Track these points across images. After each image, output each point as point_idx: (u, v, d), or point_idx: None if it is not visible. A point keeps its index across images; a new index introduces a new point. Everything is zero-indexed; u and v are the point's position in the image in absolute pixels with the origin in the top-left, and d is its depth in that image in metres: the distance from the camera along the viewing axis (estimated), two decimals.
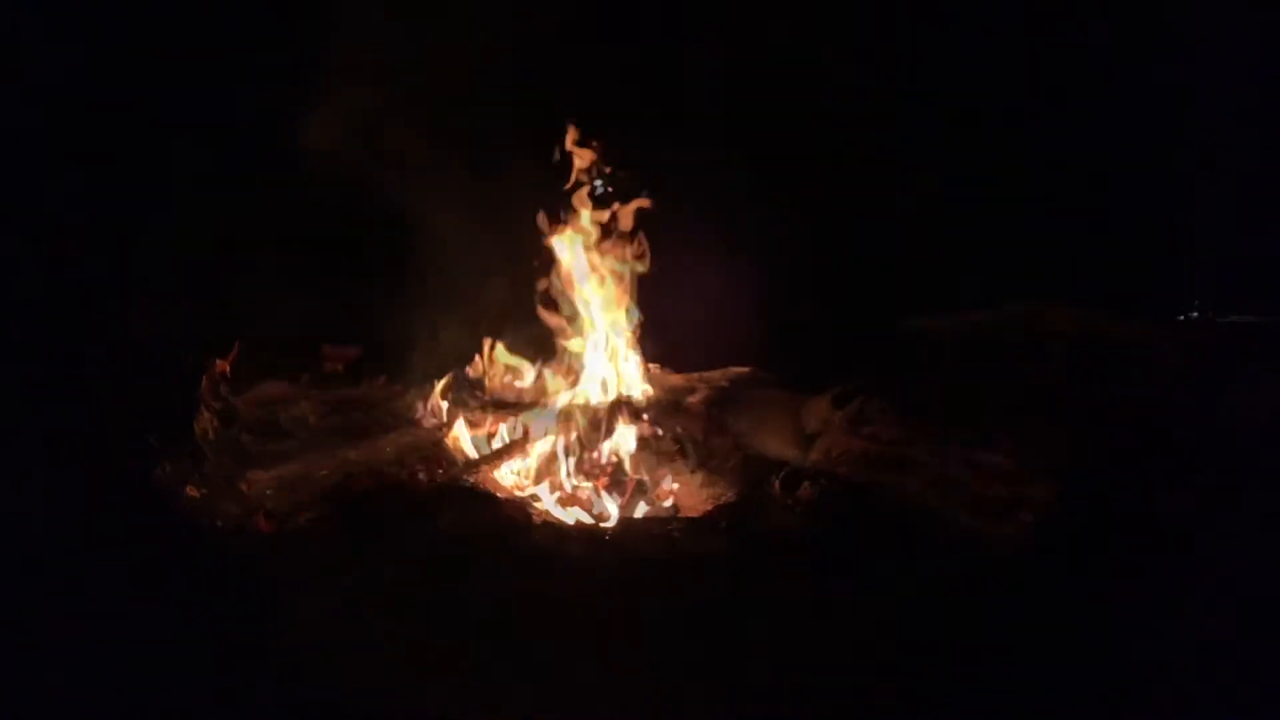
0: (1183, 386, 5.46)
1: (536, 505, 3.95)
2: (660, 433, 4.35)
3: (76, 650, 2.68)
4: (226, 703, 2.46)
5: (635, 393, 4.68)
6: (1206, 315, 6.69)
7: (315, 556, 3.29)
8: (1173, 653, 2.68)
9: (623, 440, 4.31)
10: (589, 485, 4.11)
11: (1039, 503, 3.46)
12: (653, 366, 4.97)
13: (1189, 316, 6.70)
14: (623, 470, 4.19)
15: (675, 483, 4.09)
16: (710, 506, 3.84)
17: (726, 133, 6.48)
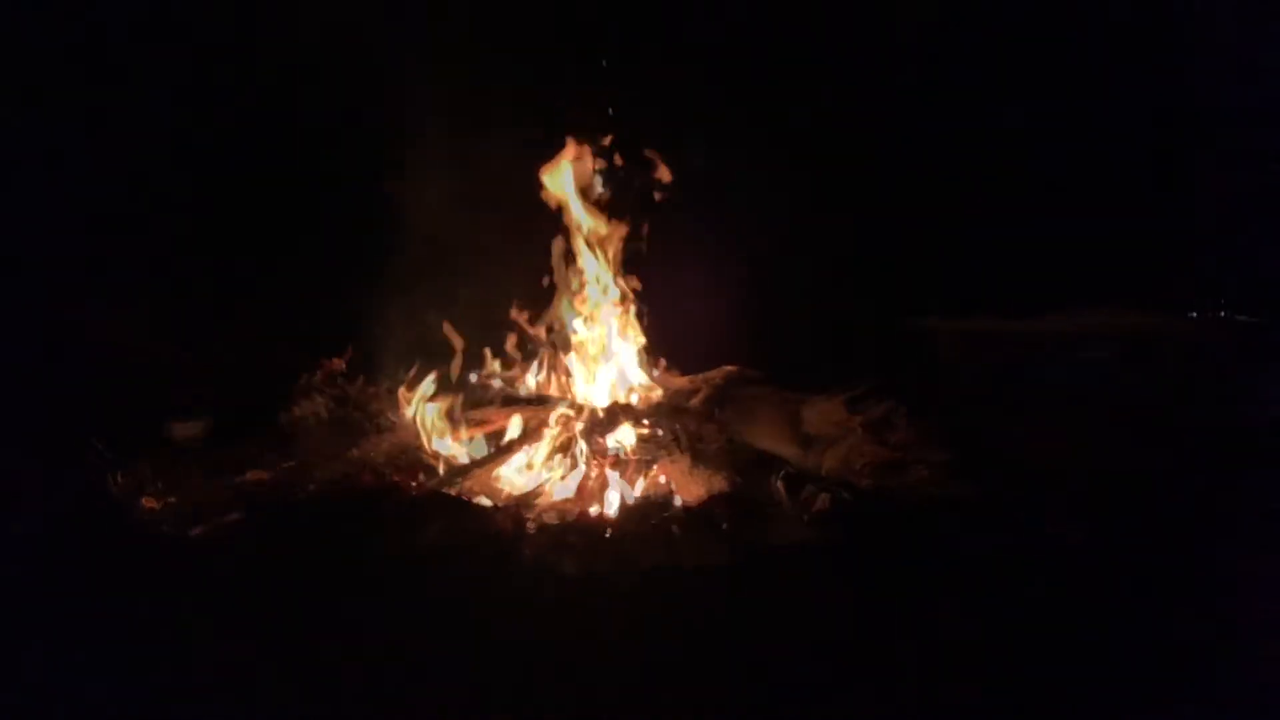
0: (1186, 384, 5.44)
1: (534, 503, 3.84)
2: (660, 432, 4.26)
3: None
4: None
5: (635, 396, 4.65)
6: (1208, 315, 6.67)
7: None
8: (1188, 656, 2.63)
9: (623, 436, 4.26)
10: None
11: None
12: (655, 367, 4.93)
13: (1190, 316, 6.68)
14: (623, 456, 4.14)
15: (670, 468, 4.02)
16: (704, 491, 3.75)
17: (727, 133, 6.33)
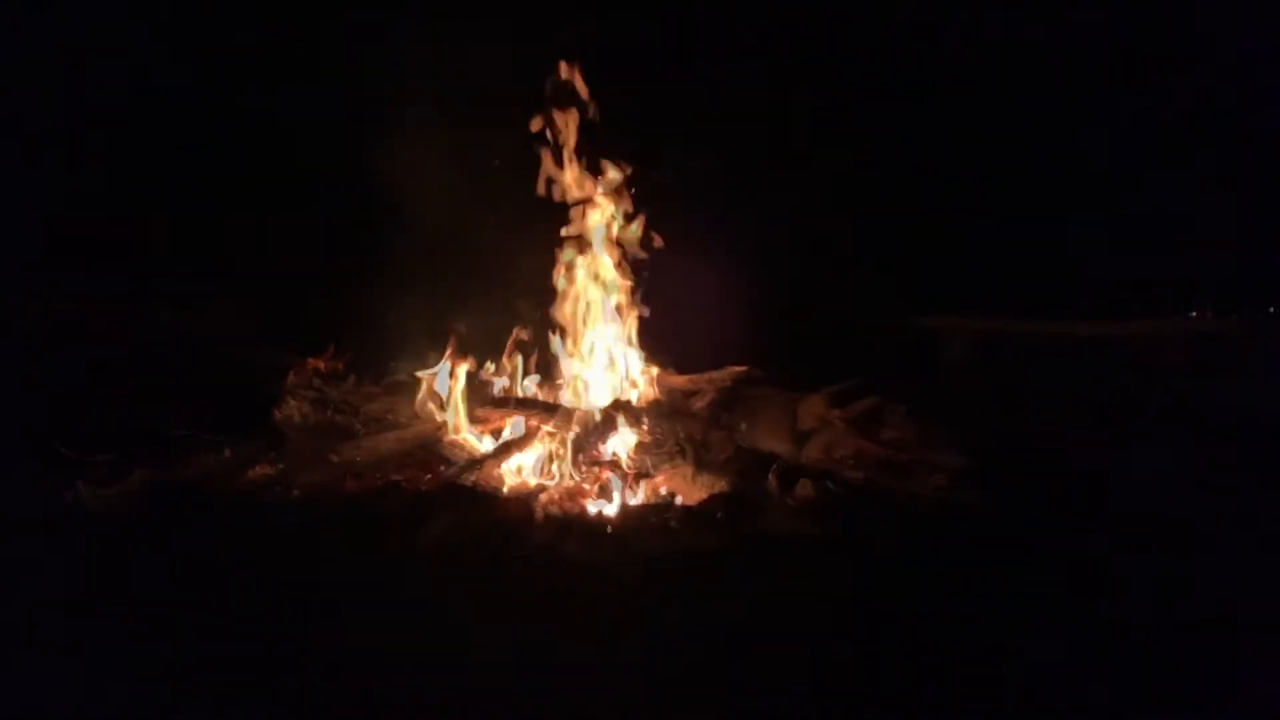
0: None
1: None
2: (660, 436, 4.32)
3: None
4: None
5: (635, 395, 4.67)
6: (1206, 315, 6.68)
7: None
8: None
9: (622, 440, 4.32)
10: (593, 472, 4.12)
11: None
12: (657, 367, 4.94)
13: (1189, 316, 6.70)
14: (621, 463, 4.19)
15: (673, 476, 4.08)
16: (705, 495, 3.83)
17: (727, 133, 6.46)
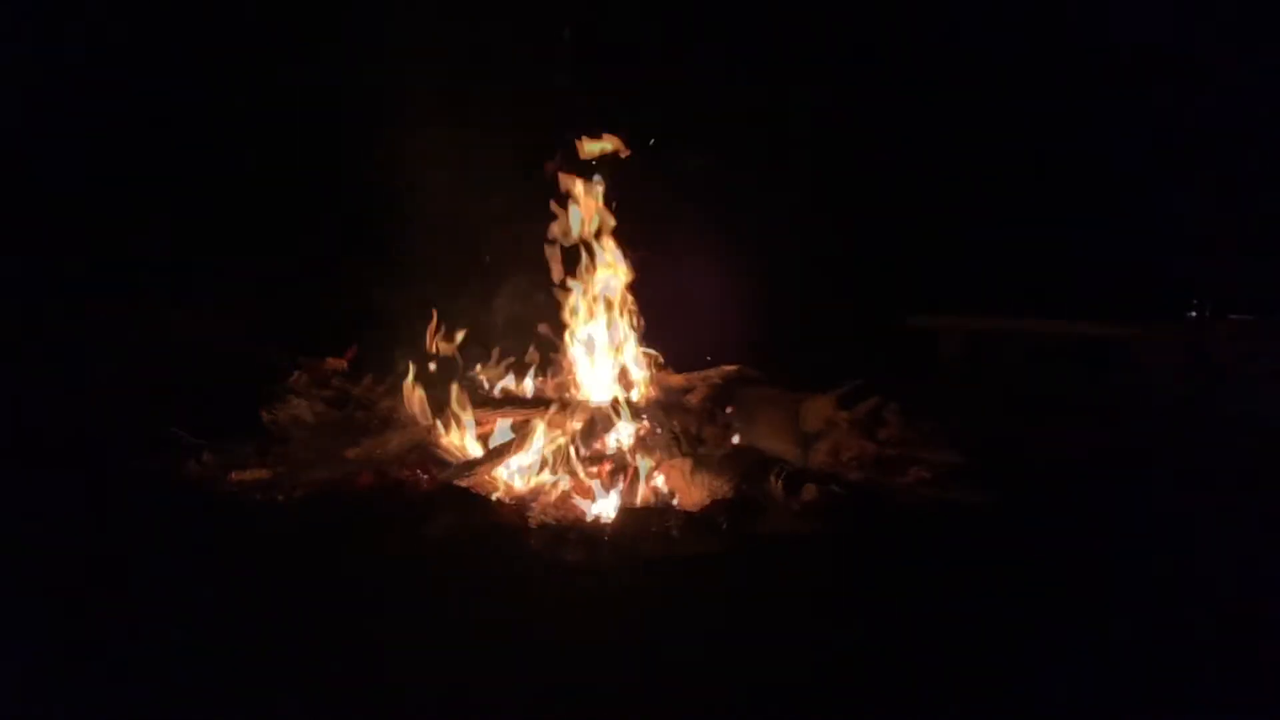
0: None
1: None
2: (658, 430, 4.30)
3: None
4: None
5: (634, 393, 4.66)
6: (1205, 315, 6.69)
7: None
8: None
9: (622, 435, 4.31)
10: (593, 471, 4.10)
11: None
12: (655, 366, 4.93)
13: (1189, 316, 6.71)
14: (623, 459, 4.17)
15: (671, 472, 4.05)
16: (705, 497, 3.80)
17: (728, 132, 6.41)
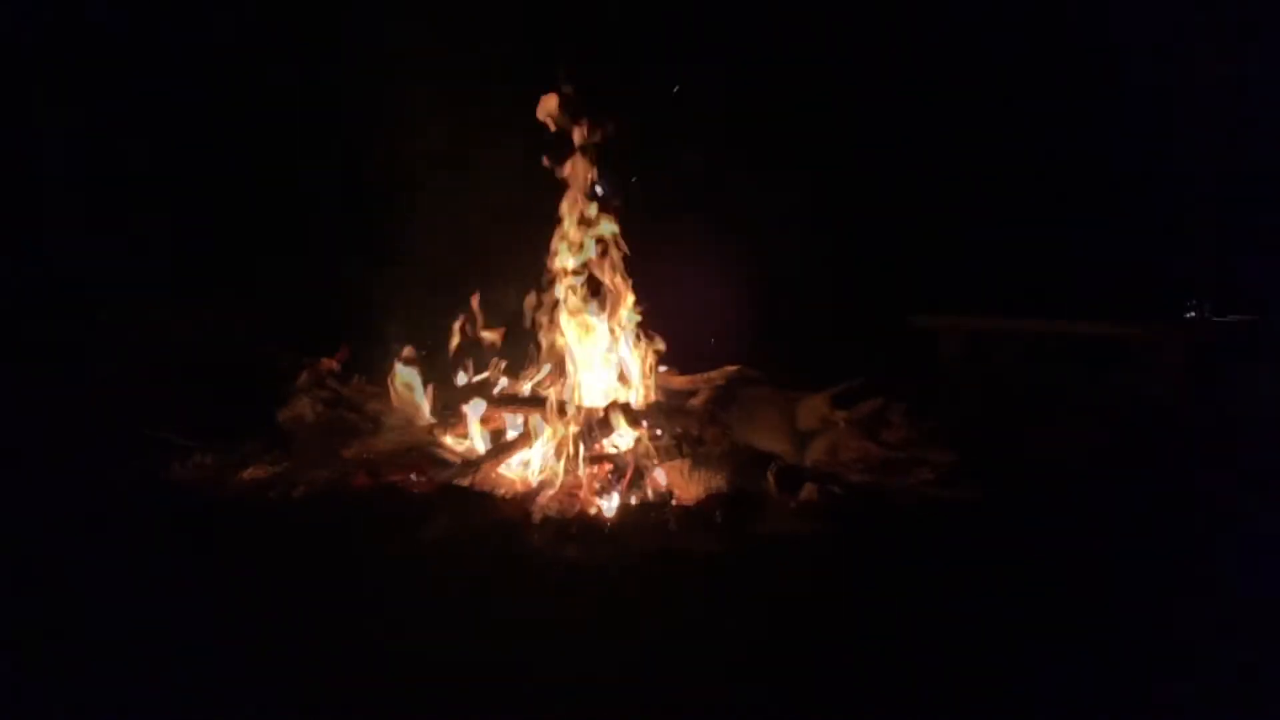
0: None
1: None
2: (659, 433, 4.30)
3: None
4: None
5: (634, 395, 4.65)
6: (1205, 315, 6.70)
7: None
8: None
9: (621, 438, 4.30)
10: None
11: None
12: (657, 369, 4.90)
13: (1188, 316, 6.72)
14: (622, 459, 4.16)
15: (670, 470, 4.06)
16: (702, 493, 3.82)
17: (728, 132, 6.44)
